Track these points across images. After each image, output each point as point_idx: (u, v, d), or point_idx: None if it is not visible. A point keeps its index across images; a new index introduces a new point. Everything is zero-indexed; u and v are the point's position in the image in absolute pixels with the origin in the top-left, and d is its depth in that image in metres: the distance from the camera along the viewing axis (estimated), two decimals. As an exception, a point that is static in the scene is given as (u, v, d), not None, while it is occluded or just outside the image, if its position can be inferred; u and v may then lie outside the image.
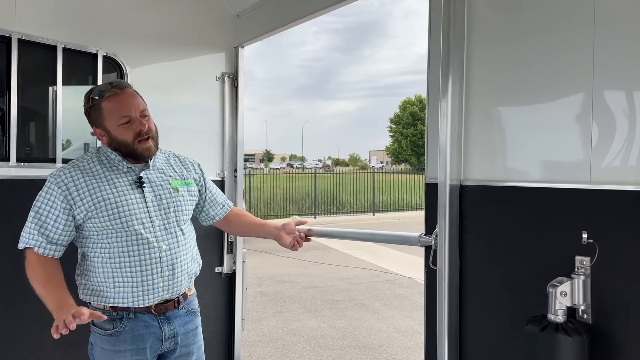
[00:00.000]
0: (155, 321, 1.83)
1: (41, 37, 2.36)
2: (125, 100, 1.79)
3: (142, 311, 1.80)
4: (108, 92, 1.78)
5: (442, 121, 1.70)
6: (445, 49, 1.70)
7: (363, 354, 4.80)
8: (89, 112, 1.82)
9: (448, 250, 1.68)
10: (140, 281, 1.77)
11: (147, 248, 1.78)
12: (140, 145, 1.80)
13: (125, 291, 1.77)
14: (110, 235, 1.76)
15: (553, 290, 1.38)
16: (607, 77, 1.40)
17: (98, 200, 1.75)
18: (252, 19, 2.87)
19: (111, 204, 1.75)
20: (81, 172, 1.78)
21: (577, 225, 1.41)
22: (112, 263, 1.76)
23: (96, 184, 1.77)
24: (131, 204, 1.78)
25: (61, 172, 1.78)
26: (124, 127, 1.78)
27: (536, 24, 1.56)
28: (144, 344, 1.81)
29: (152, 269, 1.78)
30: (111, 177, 1.80)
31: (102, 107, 1.78)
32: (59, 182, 1.75)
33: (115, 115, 1.77)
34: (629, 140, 1.36)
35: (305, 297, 6.69)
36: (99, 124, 1.80)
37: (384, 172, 28.11)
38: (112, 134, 1.79)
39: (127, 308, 1.78)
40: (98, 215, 1.74)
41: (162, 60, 2.76)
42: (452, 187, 1.69)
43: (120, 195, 1.78)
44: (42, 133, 2.54)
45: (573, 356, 1.34)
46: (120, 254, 1.76)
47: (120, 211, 1.75)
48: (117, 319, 1.79)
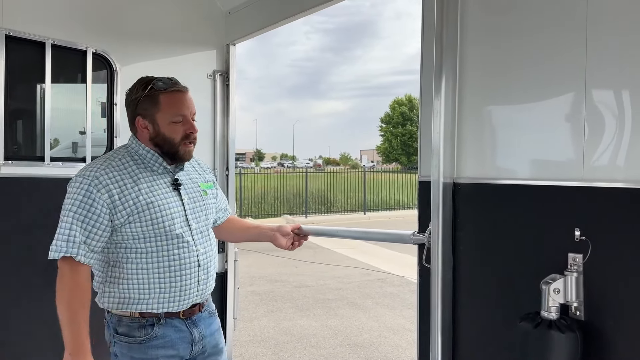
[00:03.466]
0: (184, 325, 1.77)
1: (29, 34, 2.32)
2: (185, 101, 1.76)
3: (172, 316, 1.74)
4: (171, 87, 1.74)
5: (435, 120, 1.70)
6: (439, 48, 1.70)
7: (354, 352, 4.80)
8: (139, 100, 1.72)
9: (441, 248, 1.68)
10: (179, 285, 1.71)
11: (188, 252, 1.73)
12: (184, 148, 1.76)
13: (161, 297, 1.70)
14: (149, 240, 1.68)
15: (546, 287, 1.38)
16: (598, 77, 1.41)
17: (141, 204, 1.66)
18: (243, 16, 2.86)
19: (154, 208, 1.67)
20: (119, 172, 1.68)
21: (570, 223, 1.42)
22: (150, 269, 1.68)
23: (136, 186, 1.67)
24: (172, 207, 1.72)
25: (97, 172, 1.65)
26: (175, 125, 1.73)
27: (529, 25, 1.56)
28: (176, 350, 1.75)
29: (190, 272, 1.73)
30: (149, 178, 1.72)
31: (159, 99, 1.72)
32: (98, 183, 1.62)
33: (171, 111, 1.72)
34: (620, 138, 1.37)
35: (296, 297, 6.68)
36: (147, 115, 1.72)
37: (374, 171, 28.17)
38: (161, 128, 1.72)
39: (158, 314, 1.71)
40: (140, 219, 1.65)
41: (153, 57, 2.74)
42: (445, 185, 1.70)
43: (161, 198, 1.71)
44: (31, 131, 2.51)
45: (566, 352, 1.35)
46: (159, 259, 1.69)
47: (164, 215, 1.69)
48: (148, 325, 1.71)
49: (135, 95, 1.74)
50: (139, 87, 1.75)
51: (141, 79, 1.77)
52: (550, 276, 1.42)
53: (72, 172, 2.47)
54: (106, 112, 2.59)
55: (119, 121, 2.59)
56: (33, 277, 2.33)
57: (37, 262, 2.34)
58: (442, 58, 1.70)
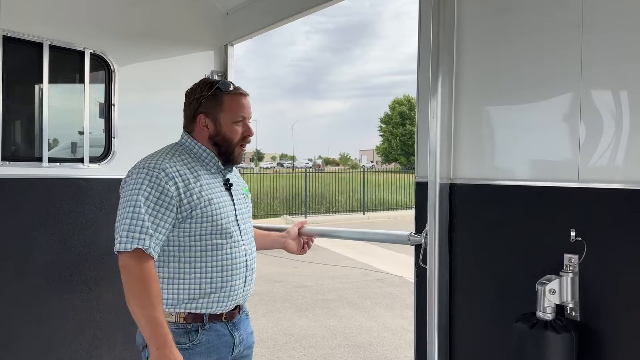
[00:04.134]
0: (226, 329, 1.75)
1: (27, 34, 2.32)
2: (246, 103, 1.80)
3: (215, 319, 1.72)
4: (234, 90, 1.78)
5: (432, 120, 1.70)
6: (435, 48, 1.70)
7: (353, 352, 4.81)
8: (202, 99, 1.75)
9: (438, 249, 1.68)
10: (229, 285, 1.71)
11: (238, 252, 1.74)
12: (240, 149, 1.80)
13: (211, 297, 1.68)
14: (205, 238, 1.67)
15: (542, 288, 1.39)
16: (595, 77, 1.41)
17: (204, 199, 1.66)
18: (242, 16, 2.86)
19: (213, 205, 1.68)
20: (181, 166, 1.68)
21: (566, 224, 1.42)
22: (204, 267, 1.67)
23: (197, 182, 1.68)
24: (226, 206, 1.74)
25: (162, 163, 1.64)
26: (235, 126, 1.77)
27: (525, 25, 1.57)
28: (219, 355, 1.73)
29: (239, 272, 1.74)
30: (207, 176, 1.73)
31: (224, 100, 1.75)
32: (165, 175, 1.61)
33: (234, 112, 1.76)
34: (616, 139, 1.37)
35: (295, 297, 6.68)
36: (210, 114, 1.75)
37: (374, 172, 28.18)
38: (223, 128, 1.75)
39: (202, 317, 1.68)
40: (202, 214, 1.65)
41: (151, 58, 2.74)
42: (442, 186, 1.70)
43: (219, 196, 1.72)
44: (28, 132, 2.50)
45: (562, 353, 1.35)
46: (214, 257, 1.68)
47: (221, 212, 1.70)
48: (193, 331, 1.68)
49: (199, 94, 1.76)
50: (204, 87, 1.78)
51: (205, 80, 1.82)
52: (545, 277, 1.42)
53: (70, 172, 2.50)
54: (104, 112, 2.59)
55: (117, 122, 2.59)
56: (31, 278, 2.33)
57: (35, 262, 2.35)
58: (438, 58, 1.70)
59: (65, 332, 2.43)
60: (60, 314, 2.41)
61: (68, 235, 2.43)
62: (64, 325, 2.42)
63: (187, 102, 1.81)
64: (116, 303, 2.57)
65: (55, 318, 2.40)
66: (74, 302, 2.44)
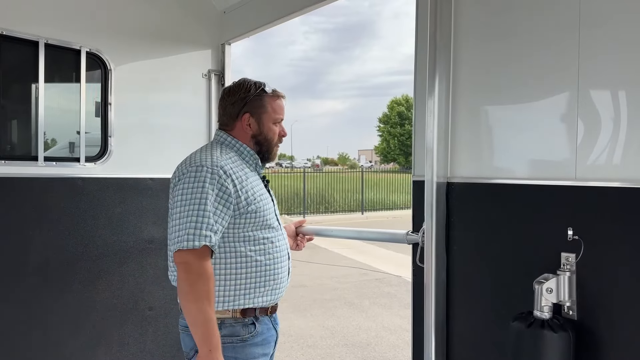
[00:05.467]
0: (270, 323, 1.78)
1: (22, 33, 2.31)
2: (283, 105, 1.88)
3: (263, 314, 1.74)
4: (276, 92, 1.85)
5: (429, 119, 1.70)
6: (432, 48, 1.70)
7: (352, 352, 4.80)
8: (247, 99, 1.80)
9: (435, 248, 1.68)
10: (280, 277, 1.75)
11: (284, 244, 1.80)
12: (276, 149, 1.88)
13: (266, 290, 1.71)
14: (259, 233, 1.71)
15: (539, 287, 1.38)
16: (591, 76, 1.41)
17: (256, 195, 1.71)
18: (239, 15, 2.85)
19: (263, 200, 1.73)
20: (232, 164, 1.71)
21: (563, 222, 1.42)
22: (259, 261, 1.69)
23: (247, 179, 1.72)
24: (270, 202, 1.79)
25: (218, 161, 1.66)
26: (275, 127, 1.84)
27: (522, 24, 1.56)
28: (269, 348, 1.77)
29: (284, 264, 1.78)
30: (251, 173, 1.78)
31: (266, 101, 1.81)
32: (223, 173, 1.63)
33: (274, 113, 1.83)
34: (613, 137, 1.37)
35: (294, 297, 6.67)
36: (255, 114, 1.80)
37: (372, 171, 28.19)
38: (264, 128, 1.81)
39: (254, 311, 1.70)
40: (257, 210, 1.69)
41: (147, 57, 2.72)
42: (439, 185, 1.69)
43: (263, 192, 1.77)
44: (24, 131, 2.49)
45: (559, 352, 1.34)
46: (267, 250, 1.72)
47: (268, 207, 1.75)
48: (249, 324, 1.70)
49: (244, 94, 1.81)
50: (248, 87, 1.82)
51: (248, 80, 1.85)
52: (543, 276, 1.41)
53: (66, 172, 2.49)
54: (100, 111, 2.58)
55: (113, 121, 2.58)
56: (27, 277, 2.32)
57: (31, 262, 2.34)
58: (435, 58, 1.69)
59: (61, 331, 2.42)
60: (57, 313, 2.40)
61: (64, 235, 2.42)
62: (60, 324, 2.41)
63: (229, 101, 1.83)
64: (112, 302, 2.56)
65: (51, 317, 2.39)
66: (70, 302, 2.43)
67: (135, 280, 2.61)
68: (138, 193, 2.64)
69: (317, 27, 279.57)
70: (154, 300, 2.69)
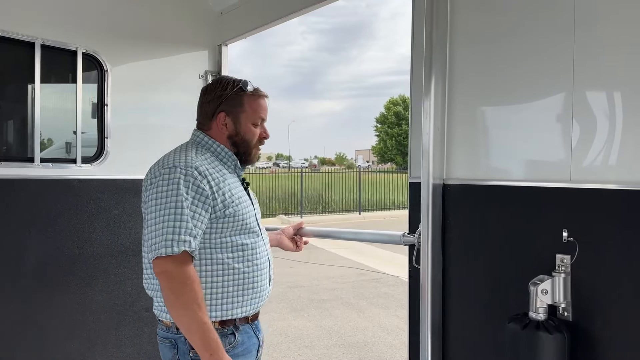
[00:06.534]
0: (252, 331, 1.71)
1: (18, 34, 2.30)
2: (265, 105, 1.78)
3: (243, 322, 1.66)
4: (256, 91, 1.75)
5: (425, 121, 1.70)
6: (428, 49, 1.70)
7: (349, 352, 4.81)
8: (224, 97, 1.70)
9: (431, 249, 1.68)
10: (260, 285, 1.67)
11: (264, 250, 1.71)
12: (255, 151, 1.78)
13: (245, 299, 1.63)
14: (237, 238, 1.62)
15: (534, 288, 1.39)
16: (587, 78, 1.41)
17: (234, 197, 1.62)
18: (236, 16, 2.85)
19: (242, 203, 1.64)
20: (208, 164, 1.62)
21: (558, 224, 1.42)
22: (237, 269, 1.61)
23: (225, 180, 1.63)
24: (249, 205, 1.70)
25: (193, 162, 1.57)
26: (254, 127, 1.74)
27: (517, 25, 1.57)
28: (252, 357, 1.70)
29: (265, 271, 1.71)
30: (229, 175, 1.69)
31: (244, 100, 1.72)
32: (198, 174, 1.54)
33: (254, 113, 1.74)
34: (608, 139, 1.37)
35: (291, 297, 6.67)
36: (231, 113, 1.71)
37: (370, 171, 28.20)
38: (242, 128, 1.72)
39: (234, 321, 1.62)
40: (234, 214, 1.60)
41: (144, 57, 2.72)
42: (435, 186, 1.70)
43: (242, 195, 1.68)
44: (20, 132, 2.49)
45: (554, 353, 1.35)
46: (246, 257, 1.63)
47: (248, 211, 1.66)
48: (229, 334, 1.62)
49: (220, 92, 1.72)
50: (225, 85, 1.73)
51: (226, 78, 1.77)
52: (538, 277, 1.42)
53: (62, 173, 2.48)
54: (97, 112, 2.57)
55: (110, 122, 2.58)
56: (23, 279, 2.32)
57: (26, 263, 2.33)
58: (431, 59, 1.70)
59: (58, 333, 2.41)
60: (53, 315, 2.39)
61: (60, 236, 2.41)
62: (56, 326, 2.41)
63: (205, 99, 1.76)
64: (109, 304, 2.56)
65: (48, 319, 2.38)
66: (67, 303, 2.43)
67: (132, 282, 2.61)
68: (135, 194, 2.62)
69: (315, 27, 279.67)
70: (150, 301, 2.68)
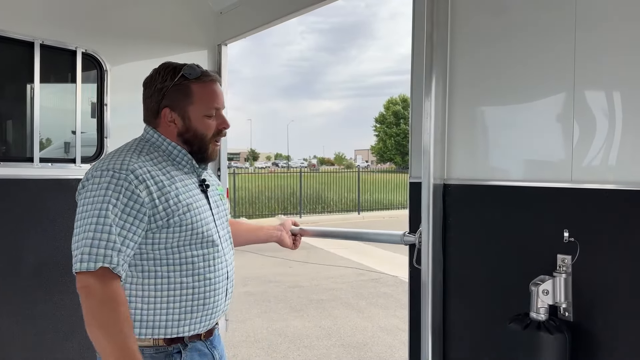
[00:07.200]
0: (206, 348, 1.54)
1: (17, 33, 2.30)
2: (218, 92, 1.53)
3: (195, 339, 1.50)
4: (204, 76, 1.50)
5: (425, 121, 1.70)
6: (429, 49, 1.70)
7: (348, 353, 4.80)
8: (165, 90, 1.48)
9: (431, 249, 1.68)
10: (213, 301, 1.49)
11: (221, 262, 1.51)
12: (213, 146, 1.55)
13: (194, 316, 1.46)
14: (185, 250, 1.44)
15: (535, 288, 1.39)
16: (588, 78, 1.41)
17: (182, 204, 1.42)
18: (235, 16, 2.85)
19: (193, 210, 1.44)
20: (152, 167, 1.42)
21: (559, 224, 1.42)
22: (185, 284, 1.43)
23: (173, 185, 1.43)
24: (205, 210, 1.50)
25: (130, 164, 1.38)
26: (208, 119, 1.51)
27: (518, 25, 1.57)
28: None
29: (221, 285, 1.51)
30: (181, 177, 1.48)
31: (191, 90, 1.48)
32: (134, 178, 1.36)
33: (205, 103, 1.50)
34: (609, 139, 1.37)
35: (290, 297, 6.67)
36: (177, 107, 1.48)
37: (369, 171, 28.22)
38: (193, 123, 1.50)
39: (182, 339, 1.46)
40: (181, 223, 1.41)
41: (144, 57, 2.72)
42: (436, 186, 1.69)
43: (196, 200, 1.47)
44: (19, 132, 2.48)
45: (555, 354, 1.35)
46: (196, 271, 1.45)
47: (202, 219, 1.46)
48: (174, 353, 1.45)
49: (161, 84, 1.49)
50: (166, 75, 1.49)
51: (166, 66, 1.52)
52: (539, 277, 1.42)
53: (61, 173, 2.48)
54: (96, 112, 2.57)
55: (109, 121, 2.57)
56: (20, 280, 2.31)
57: (24, 264, 2.33)
58: (432, 59, 1.69)
59: (56, 333, 2.41)
60: (52, 314, 2.39)
61: (59, 236, 2.41)
62: (55, 326, 2.40)
63: (146, 94, 1.54)
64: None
65: (46, 319, 2.38)
66: (66, 303, 2.42)
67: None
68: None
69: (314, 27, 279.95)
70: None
